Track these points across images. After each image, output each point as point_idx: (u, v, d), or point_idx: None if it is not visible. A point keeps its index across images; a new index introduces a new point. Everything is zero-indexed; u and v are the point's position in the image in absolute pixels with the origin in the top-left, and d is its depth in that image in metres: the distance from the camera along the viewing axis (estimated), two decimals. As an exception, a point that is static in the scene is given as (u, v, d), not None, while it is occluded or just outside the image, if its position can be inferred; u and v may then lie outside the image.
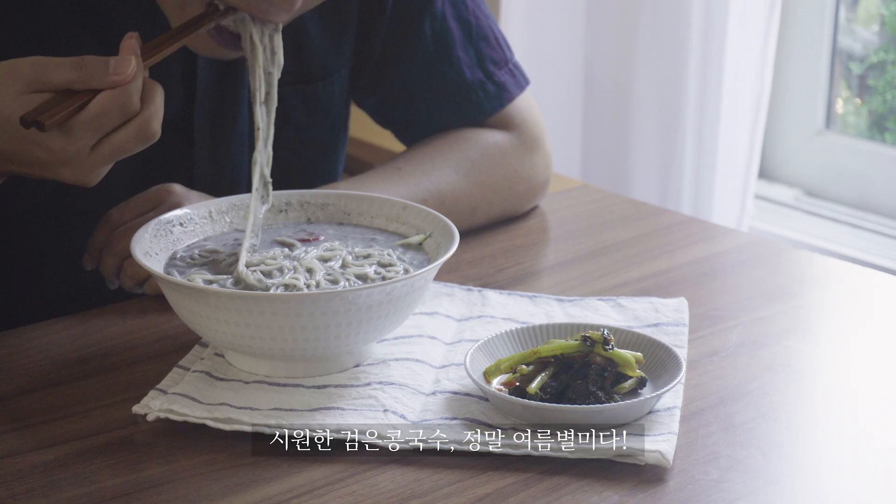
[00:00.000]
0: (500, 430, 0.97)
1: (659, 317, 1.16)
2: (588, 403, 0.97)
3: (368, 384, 1.03)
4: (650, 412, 0.99)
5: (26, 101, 0.99)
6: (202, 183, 1.29)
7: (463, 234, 1.24)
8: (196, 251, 1.12)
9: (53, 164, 1.01)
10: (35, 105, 0.99)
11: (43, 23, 1.20)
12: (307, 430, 0.97)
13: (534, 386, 0.99)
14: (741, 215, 2.27)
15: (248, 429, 0.97)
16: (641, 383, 1.01)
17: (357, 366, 1.07)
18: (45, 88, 1.00)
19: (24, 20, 1.20)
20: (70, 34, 1.21)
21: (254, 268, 1.07)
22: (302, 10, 1.11)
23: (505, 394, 0.99)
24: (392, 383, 1.03)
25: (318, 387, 1.03)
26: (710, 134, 2.25)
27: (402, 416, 0.99)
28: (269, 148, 1.13)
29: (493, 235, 1.38)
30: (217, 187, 1.29)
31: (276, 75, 1.13)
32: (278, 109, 1.34)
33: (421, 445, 0.96)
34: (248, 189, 1.30)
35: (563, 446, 0.95)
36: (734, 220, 2.27)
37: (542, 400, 0.98)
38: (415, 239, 1.14)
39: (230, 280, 1.06)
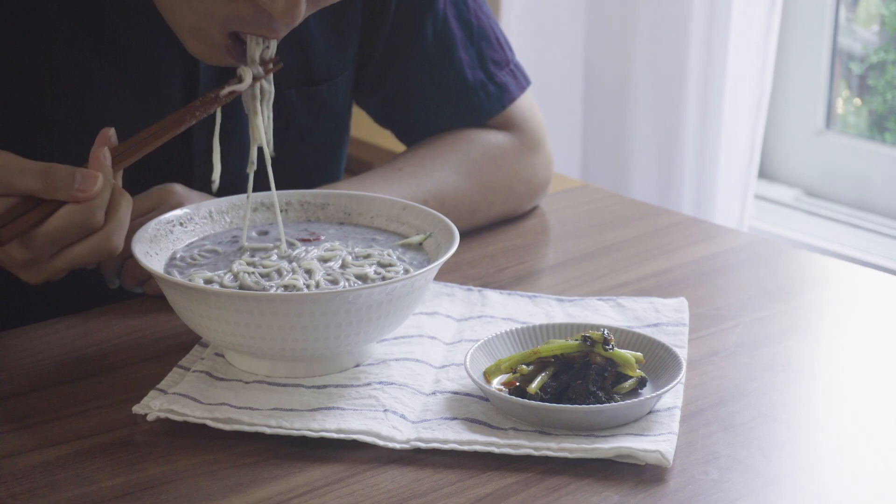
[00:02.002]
0: (500, 430, 0.97)
1: (659, 317, 1.16)
2: (588, 403, 0.97)
3: (368, 384, 1.03)
4: (650, 412, 0.99)
5: None
6: (201, 185, 1.29)
7: (463, 235, 1.24)
8: (196, 251, 1.12)
9: (14, 267, 1.05)
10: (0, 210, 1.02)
11: (40, 27, 1.20)
12: (307, 430, 0.97)
13: (534, 386, 0.99)
14: (741, 215, 2.27)
15: (248, 429, 0.97)
16: (641, 383, 1.01)
17: (357, 366, 1.07)
18: (10, 193, 1.02)
19: (21, 26, 1.20)
20: (68, 39, 1.21)
21: (251, 270, 1.07)
22: (301, 20, 1.11)
23: (505, 394, 0.99)
24: (392, 383, 1.03)
25: (318, 387, 1.03)
26: (711, 134, 2.25)
27: (402, 416, 0.99)
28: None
29: (493, 235, 1.38)
30: (216, 194, 1.29)
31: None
32: (282, 112, 1.34)
33: (421, 445, 0.96)
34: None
35: (563, 446, 0.95)
36: (735, 221, 2.27)
37: (542, 400, 0.98)
38: (415, 239, 1.14)
39: (228, 275, 1.06)
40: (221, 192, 1.26)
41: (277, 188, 1.18)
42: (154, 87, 1.26)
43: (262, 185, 1.17)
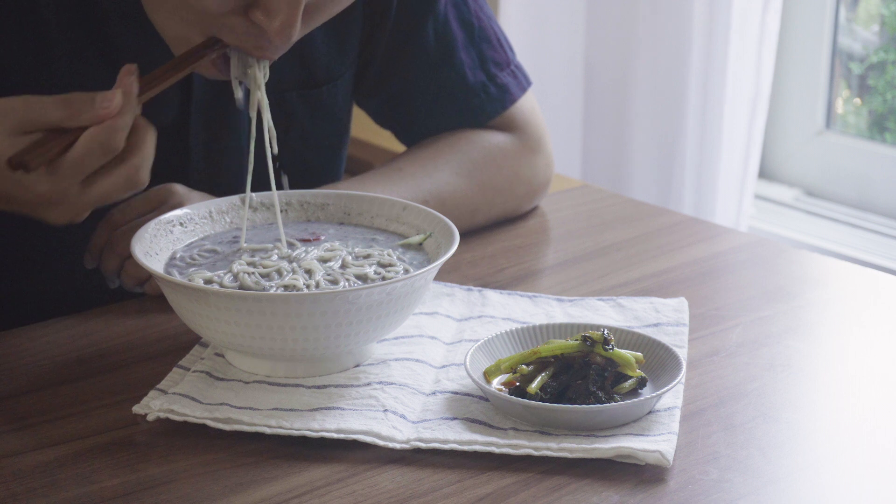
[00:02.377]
0: (500, 430, 0.97)
1: (659, 317, 1.16)
2: (588, 403, 0.97)
3: (368, 384, 1.03)
4: (650, 412, 0.99)
5: (16, 143, 0.99)
6: (198, 184, 1.29)
7: (463, 235, 1.24)
8: (196, 251, 1.12)
9: (41, 205, 1.02)
10: (22, 146, 0.99)
11: (40, 32, 1.20)
12: (307, 430, 0.97)
13: (534, 386, 0.99)
14: (738, 215, 2.27)
15: (248, 429, 0.97)
16: (641, 383, 1.01)
17: (357, 366, 1.07)
18: (35, 128, 1.00)
19: (21, 30, 1.19)
20: (68, 43, 1.21)
21: (251, 270, 1.07)
22: (295, 40, 1.10)
23: (505, 394, 0.99)
24: (392, 383, 1.03)
25: (318, 387, 1.03)
26: (712, 134, 2.25)
27: (403, 416, 0.99)
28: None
29: (493, 235, 1.38)
30: (212, 193, 1.29)
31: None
32: (283, 114, 1.34)
33: (421, 445, 0.96)
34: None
35: (563, 446, 0.95)
36: (737, 222, 2.27)
37: (542, 400, 0.98)
38: (415, 239, 1.14)
39: (228, 276, 1.06)
40: (220, 193, 1.26)
41: (277, 189, 1.18)
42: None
43: (262, 184, 1.17)
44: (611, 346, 1.00)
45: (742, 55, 2.21)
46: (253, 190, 1.17)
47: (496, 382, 1.02)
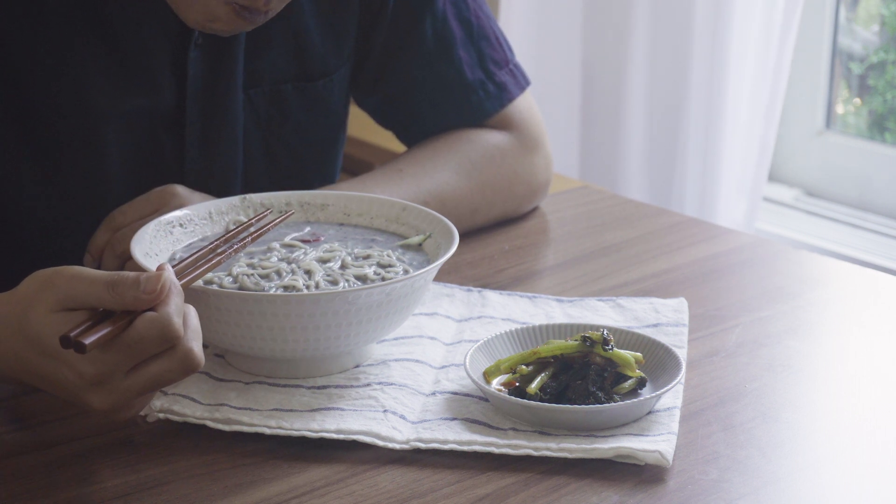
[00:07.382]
0: (499, 431, 0.98)
1: (659, 317, 1.16)
2: (588, 403, 0.97)
3: (368, 384, 1.03)
4: (650, 412, 0.99)
5: (58, 320, 0.91)
6: (192, 181, 1.29)
7: (463, 235, 1.24)
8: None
9: (82, 388, 0.93)
10: (69, 324, 0.91)
11: (34, 9, 1.19)
12: (307, 431, 0.97)
13: (534, 386, 0.99)
14: (751, 217, 2.26)
15: (248, 429, 0.97)
16: (641, 383, 1.01)
17: (357, 366, 1.07)
18: (78, 306, 0.93)
19: (25, 24, 1.19)
20: (62, 21, 1.20)
21: (251, 272, 1.06)
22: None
23: (505, 394, 0.99)
24: (392, 384, 1.04)
25: (318, 387, 1.03)
26: (714, 135, 2.25)
27: (402, 417, 0.99)
28: None
29: (492, 236, 1.38)
30: (207, 187, 1.29)
31: None
32: (279, 106, 1.34)
33: (421, 445, 0.96)
34: (239, 190, 1.29)
35: (562, 446, 0.95)
36: (739, 222, 2.27)
37: (542, 400, 0.98)
38: (415, 240, 1.14)
39: (228, 277, 1.06)
40: (212, 192, 1.26)
41: (274, 187, 1.18)
42: (145, 71, 1.25)
43: (257, 187, 1.17)
44: (610, 347, 1.01)
45: (745, 56, 2.21)
46: (247, 190, 1.17)
47: (496, 383, 1.02)
